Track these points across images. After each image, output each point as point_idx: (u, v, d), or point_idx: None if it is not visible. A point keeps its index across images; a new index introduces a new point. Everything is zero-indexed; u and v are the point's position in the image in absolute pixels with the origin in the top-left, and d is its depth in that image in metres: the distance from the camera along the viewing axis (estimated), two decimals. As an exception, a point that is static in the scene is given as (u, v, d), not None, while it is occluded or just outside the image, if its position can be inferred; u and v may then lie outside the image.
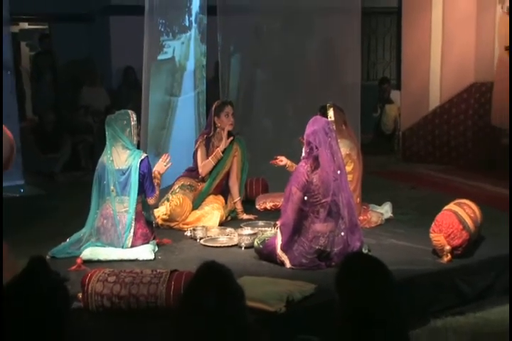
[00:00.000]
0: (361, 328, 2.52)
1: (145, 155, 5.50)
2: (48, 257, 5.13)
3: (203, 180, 6.36)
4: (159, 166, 5.70)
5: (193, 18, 8.11)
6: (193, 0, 8.13)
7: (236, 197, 6.43)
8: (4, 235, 3.48)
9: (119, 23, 11.56)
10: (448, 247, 5.06)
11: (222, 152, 6.29)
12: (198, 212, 6.16)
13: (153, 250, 5.31)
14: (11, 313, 2.12)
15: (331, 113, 6.10)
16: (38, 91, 11.85)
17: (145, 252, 5.23)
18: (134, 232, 5.32)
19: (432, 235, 5.16)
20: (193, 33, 8.10)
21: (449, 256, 5.07)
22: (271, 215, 6.16)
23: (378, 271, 2.68)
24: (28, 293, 2.15)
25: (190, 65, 8.11)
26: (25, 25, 14.16)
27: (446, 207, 5.38)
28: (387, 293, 2.63)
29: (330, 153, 5.01)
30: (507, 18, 9.55)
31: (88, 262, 5.05)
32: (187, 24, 8.03)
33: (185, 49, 8.02)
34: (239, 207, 6.42)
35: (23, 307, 2.11)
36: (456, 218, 5.17)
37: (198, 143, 6.42)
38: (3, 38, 8.32)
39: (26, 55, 14.08)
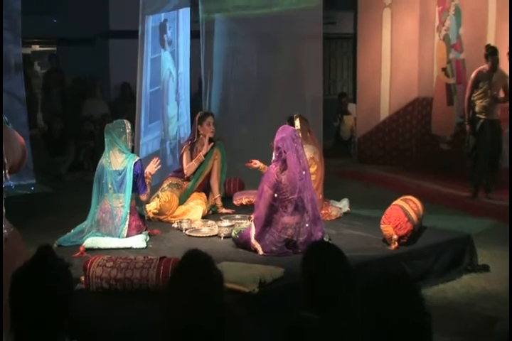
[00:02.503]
0: (322, 306, 2.52)
1: (138, 158, 5.49)
2: (55, 245, 5.09)
3: (188, 179, 6.33)
4: (150, 167, 5.67)
5: (179, 41, 8.10)
6: (179, 25, 8.13)
7: (216, 194, 6.40)
8: (17, 226, 3.44)
9: (117, 46, 11.55)
10: (395, 236, 5.08)
11: (204, 155, 6.27)
12: (183, 207, 6.13)
13: (145, 239, 5.27)
14: (23, 293, 2.10)
15: (297, 122, 6.10)
16: (48, 104, 11.85)
17: (138, 241, 5.20)
18: (128, 224, 5.29)
19: (382, 226, 5.18)
20: (178, 53, 8.10)
21: (396, 243, 5.09)
22: (246, 210, 6.15)
23: (337, 256, 2.68)
24: (37, 277, 2.13)
25: (175, 80, 8.09)
26: (37, 48, 14.14)
27: (394, 202, 5.41)
28: (344, 275, 2.63)
29: (296, 156, 5.01)
30: (443, 44, 9.69)
31: (89, 250, 5.01)
32: (173, 46, 8.02)
33: (170, 66, 8.01)
34: (219, 202, 6.40)
35: (33, 289, 2.09)
36: (403, 212, 5.19)
37: (184, 148, 6.41)
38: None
39: (38, 73, 14.02)
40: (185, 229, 5.66)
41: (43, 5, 11.63)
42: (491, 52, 7.62)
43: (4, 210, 3.20)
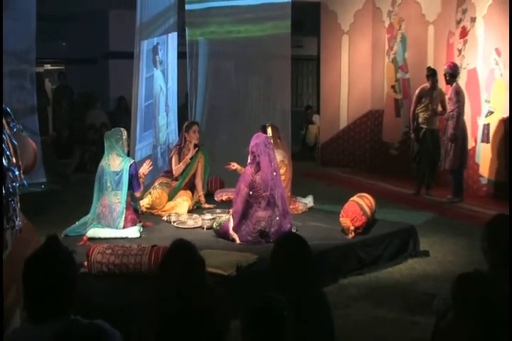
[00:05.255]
0: (288, 286, 2.52)
1: (133, 160, 5.46)
2: (62, 235, 5.03)
3: (176, 179, 6.29)
4: (143, 169, 5.64)
5: (168, 61, 8.08)
6: (169, 47, 8.11)
7: (200, 192, 6.37)
8: (29, 219, 3.42)
9: (116, 65, 11.48)
10: (352, 227, 5.10)
11: (190, 159, 6.23)
12: (172, 203, 6.08)
13: (139, 230, 5.24)
14: (34, 276, 2.08)
15: (269, 130, 6.09)
16: (57, 114, 11.76)
17: (133, 232, 5.17)
18: (125, 217, 5.24)
19: (341, 219, 5.20)
20: (167, 71, 8.08)
21: (353, 233, 5.12)
22: (226, 205, 6.12)
23: (302, 245, 2.69)
24: (45, 262, 2.11)
25: (164, 94, 8.07)
26: (48, 67, 14.04)
27: (351, 199, 5.43)
28: (309, 260, 2.64)
29: (268, 159, 5.01)
30: (391, 65, 9.79)
31: (91, 239, 4.97)
32: (163, 65, 8.00)
33: (161, 82, 7.99)
34: (202, 198, 6.36)
35: (42, 272, 2.07)
36: (358, 206, 5.22)
37: (172, 152, 6.37)
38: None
39: (49, 88, 13.92)
40: (174, 222, 5.64)
41: (55, 31, 11.56)
42: (431, 73, 7.70)
43: (19, 205, 3.18)
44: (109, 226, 5.23)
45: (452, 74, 7.41)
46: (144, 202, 5.98)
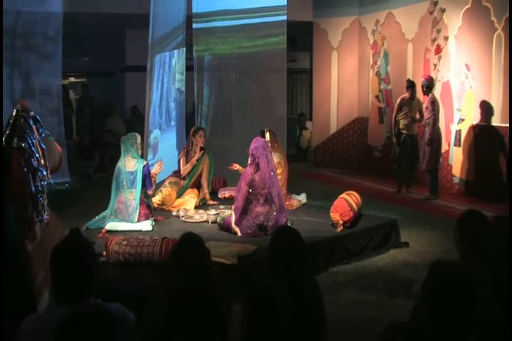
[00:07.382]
0: (285, 274, 2.52)
1: (146, 162, 5.46)
2: (83, 228, 5.05)
3: (184, 178, 6.29)
4: (155, 169, 5.64)
5: (177, 73, 8.08)
6: (179, 61, 8.11)
7: (205, 190, 6.36)
8: (55, 214, 3.43)
9: (131, 77, 11.47)
10: (341, 221, 5.10)
11: (196, 160, 6.24)
12: (180, 200, 6.08)
13: (152, 224, 5.24)
14: (59, 264, 2.09)
15: (267, 135, 6.10)
16: (80, 121, 11.75)
17: (146, 225, 5.17)
18: (139, 212, 5.25)
19: (331, 214, 5.19)
20: (177, 83, 8.08)
21: (342, 227, 5.12)
22: (228, 201, 6.12)
23: (297, 237, 2.69)
24: (69, 253, 2.11)
25: (172, 103, 8.07)
26: (72, 79, 14.03)
27: (340, 196, 5.42)
28: (302, 251, 2.64)
29: (266, 161, 5.01)
30: (376, 78, 9.80)
31: (110, 232, 4.98)
32: (172, 77, 7.99)
33: (172, 93, 7.99)
34: (207, 196, 6.35)
35: (66, 262, 2.08)
36: (346, 203, 5.22)
37: (181, 154, 6.37)
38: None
39: (73, 98, 13.92)
40: (182, 216, 5.64)
41: (78, 48, 11.56)
42: (411, 85, 7.71)
43: (46, 201, 3.22)
44: (125, 220, 5.24)
45: (428, 85, 7.44)
46: (156, 199, 5.98)
